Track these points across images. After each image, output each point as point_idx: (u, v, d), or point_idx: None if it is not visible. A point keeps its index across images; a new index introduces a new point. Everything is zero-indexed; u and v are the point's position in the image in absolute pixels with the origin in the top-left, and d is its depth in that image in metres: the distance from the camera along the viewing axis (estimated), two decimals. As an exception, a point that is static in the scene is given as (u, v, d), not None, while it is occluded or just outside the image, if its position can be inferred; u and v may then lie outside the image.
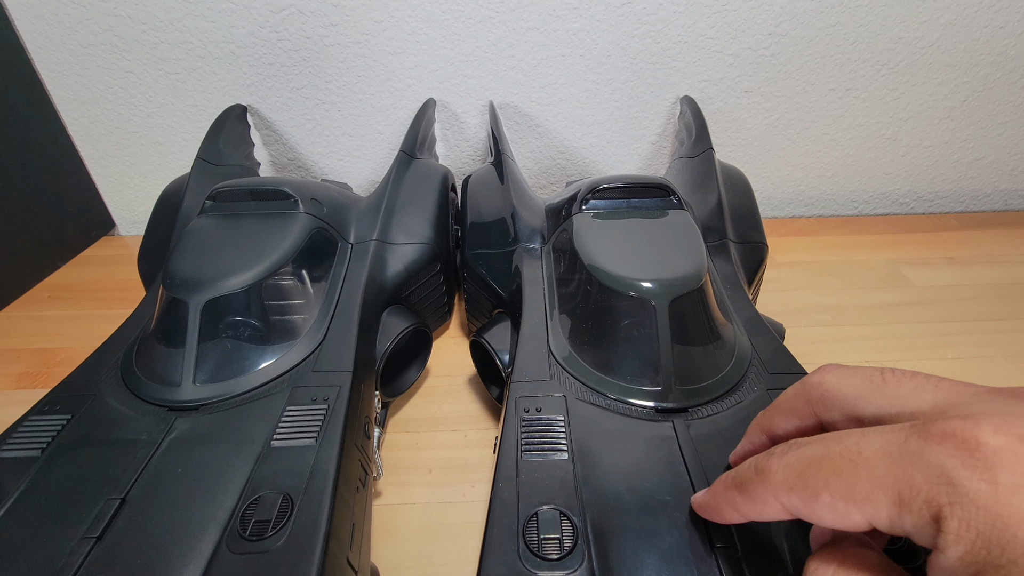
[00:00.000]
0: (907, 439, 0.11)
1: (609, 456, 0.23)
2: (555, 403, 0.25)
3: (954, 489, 0.10)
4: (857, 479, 0.11)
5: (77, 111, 0.52)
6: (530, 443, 0.23)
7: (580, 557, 0.18)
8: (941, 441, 0.10)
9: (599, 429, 0.24)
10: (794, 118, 0.55)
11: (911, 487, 0.10)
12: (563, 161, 0.58)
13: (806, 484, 0.12)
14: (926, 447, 0.11)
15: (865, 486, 0.11)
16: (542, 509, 0.20)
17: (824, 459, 0.12)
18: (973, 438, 0.10)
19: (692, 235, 0.31)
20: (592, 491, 0.21)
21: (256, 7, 0.48)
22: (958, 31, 0.50)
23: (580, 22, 0.50)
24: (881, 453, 0.11)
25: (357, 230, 0.37)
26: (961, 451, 0.10)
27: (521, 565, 0.18)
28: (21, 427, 0.24)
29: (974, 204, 0.61)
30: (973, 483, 0.10)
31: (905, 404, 0.14)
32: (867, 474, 0.11)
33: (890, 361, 0.38)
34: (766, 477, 0.13)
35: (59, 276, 0.50)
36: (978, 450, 0.10)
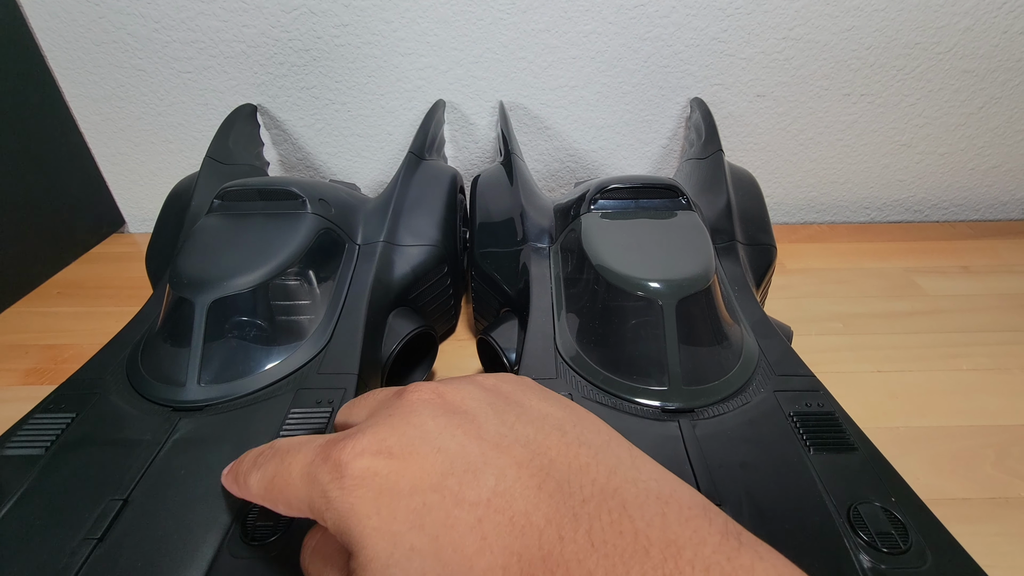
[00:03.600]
0: (312, 462, 0.14)
1: None
2: None
3: (328, 502, 0.13)
4: (291, 498, 0.15)
5: (89, 108, 0.53)
6: None
7: None
8: (324, 463, 0.14)
9: None
10: (807, 123, 0.55)
11: (313, 503, 0.14)
12: (572, 164, 0.57)
13: (268, 498, 0.15)
14: (320, 470, 0.14)
15: (296, 503, 0.14)
16: None
17: (274, 479, 0.15)
18: (339, 460, 0.13)
19: (700, 236, 0.31)
20: None
21: (267, 7, 0.48)
22: (976, 37, 0.50)
23: (591, 24, 0.49)
24: (300, 475, 0.14)
25: (365, 231, 0.37)
26: (333, 472, 0.13)
27: None
28: (26, 425, 0.24)
29: (990, 212, 0.60)
30: (335, 493, 0.13)
31: (354, 417, 0.17)
32: (294, 494, 0.14)
33: (903, 372, 0.37)
34: (247, 488, 0.17)
35: (68, 273, 0.51)
36: (339, 469, 0.13)
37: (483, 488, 0.12)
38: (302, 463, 0.14)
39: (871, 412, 0.34)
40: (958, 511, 0.28)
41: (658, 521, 0.12)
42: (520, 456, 0.13)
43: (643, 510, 0.12)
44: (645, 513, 0.12)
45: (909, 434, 0.32)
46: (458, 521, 0.12)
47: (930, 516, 0.20)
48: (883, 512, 0.20)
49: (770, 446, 0.23)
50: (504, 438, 0.14)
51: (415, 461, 0.13)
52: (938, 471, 0.30)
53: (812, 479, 0.21)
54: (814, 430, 0.23)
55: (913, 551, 0.18)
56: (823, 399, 0.25)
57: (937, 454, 0.31)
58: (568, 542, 0.11)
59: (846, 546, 0.19)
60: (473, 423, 0.14)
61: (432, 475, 0.13)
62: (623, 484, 0.13)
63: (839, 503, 0.20)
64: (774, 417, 0.24)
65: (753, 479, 0.21)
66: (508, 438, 0.14)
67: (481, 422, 0.14)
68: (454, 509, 0.12)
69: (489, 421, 0.14)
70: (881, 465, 0.22)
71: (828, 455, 0.22)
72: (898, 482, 0.21)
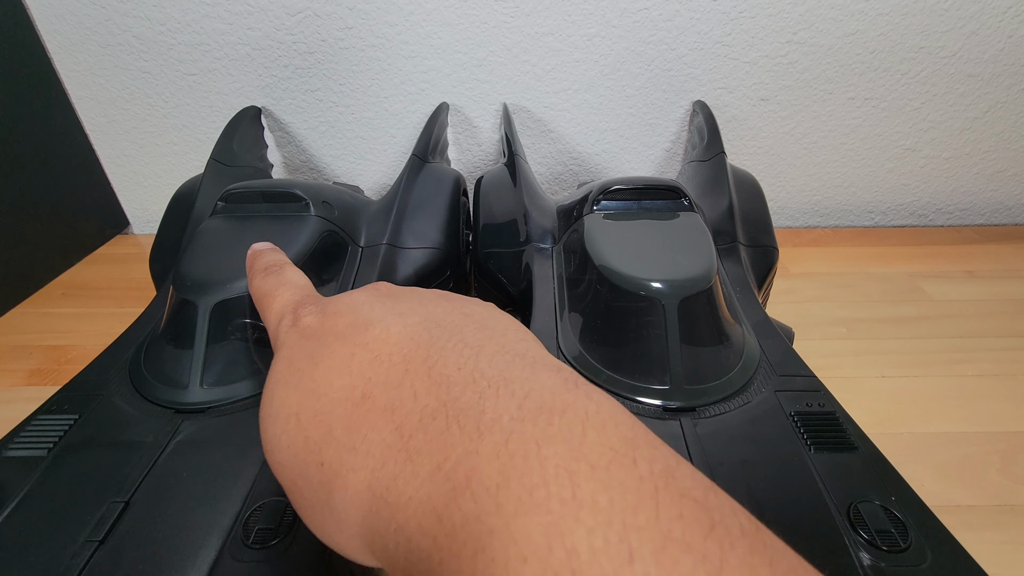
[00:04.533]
0: (287, 304, 0.19)
1: None
2: None
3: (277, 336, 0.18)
4: (265, 316, 0.20)
5: (95, 111, 0.53)
6: None
7: None
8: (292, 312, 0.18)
9: None
10: (811, 127, 0.55)
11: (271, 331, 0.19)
12: (575, 167, 0.57)
13: (255, 301, 0.21)
14: (287, 313, 0.18)
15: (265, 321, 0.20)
16: None
17: (263, 297, 0.20)
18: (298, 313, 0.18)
19: (702, 237, 0.31)
20: None
21: (272, 10, 0.48)
22: (981, 41, 0.50)
23: (595, 28, 0.49)
24: (276, 309, 0.19)
25: (368, 234, 0.37)
26: (292, 319, 0.18)
27: None
28: (29, 426, 0.24)
29: (995, 217, 0.60)
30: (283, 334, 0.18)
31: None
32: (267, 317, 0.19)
33: (908, 377, 0.37)
34: (250, 280, 0.22)
35: (73, 274, 0.51)
36: (295, 318, 0.18)
37: (367, 335, 0.15)
38: (283, 302, 0.19)
39: (875, 418, 0.34)
40: (963, 518, 0.27)
41: (501, 365, 0.13)
42: (411, 321, 0.16)
43: (492, 357, 0.14)
44: (493, 359, 0.13)
45: (914, 440, 0.32)
46: (336, 354, 0.15)
47: (930, 515, 0.20)
48: (883, 511, 0.20)
49: (771, 445, 0.23)
50: (410, 310, 0.16)
51: (335, 319, 0.17)
52: (943, 477, 0.30)
53: (812, 478, 0.21)
54: (815, 429, 0.24)
55: (913, 549, 0.18)
56: (824, 399, 0.25)
57: (942, 460, 0.31)
58: (410, 373, 0.14)
59: (846, 544, 0.19)
60: (392, 300, 0.17)
61: (339, 327, 0.16)
62: (489, 343, 0.14)
63: (839, 502, 0.20)
64: (775, 416, 0.24)
65: (754, 478, 0.21)
66: (413, 310, 0.16)
67: (399, 301, 0.17)
68: (339, 346, 0.15)
69: (407, 302, 0.17)
70: (881, 464, 0.22)
71: (828, 454, 0.22)
72: (898, 481, 0.21)
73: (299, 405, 0.15)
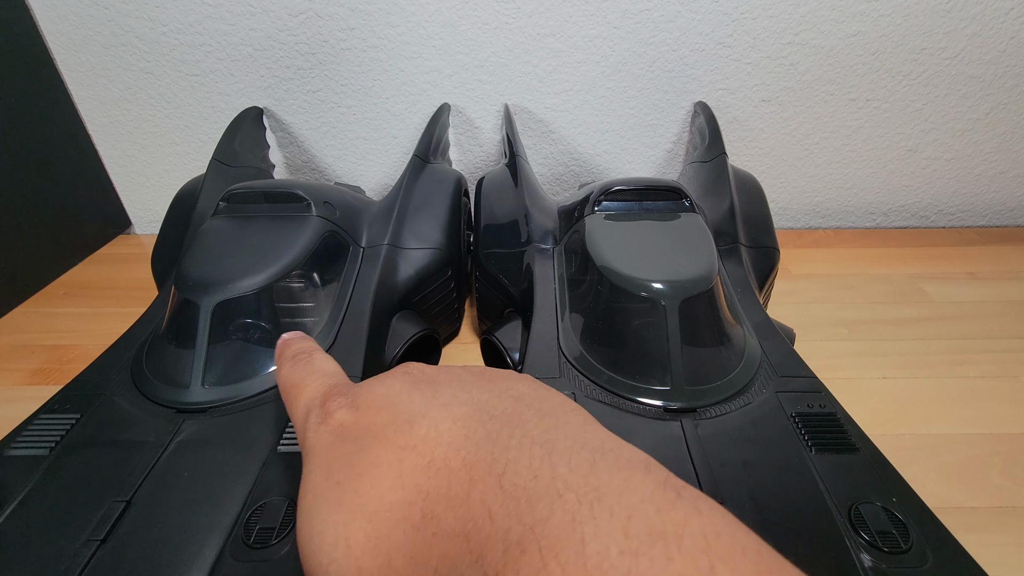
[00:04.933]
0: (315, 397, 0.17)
1: None
2: None
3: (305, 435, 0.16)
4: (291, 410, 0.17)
5: (97, 111, 0.53)
6: None
7: None
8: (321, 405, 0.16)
9: (607, 426, 0.24)
10: (812, 128, 0.55)
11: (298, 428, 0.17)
12: (576, 168, 0.57)
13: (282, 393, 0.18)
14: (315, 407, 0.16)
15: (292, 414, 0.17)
16: None
17: (291, 389, 0.18)
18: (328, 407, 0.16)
19: (703, 238, 0.31)
20: None
21: (274, 11, 0.48)
22: (983, 42, 0.49)
23: (597, 29, 0.49)
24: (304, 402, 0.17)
25: (369, 234, 0.37)
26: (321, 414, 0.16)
27: None
28: (31, 425, 0.24)
29: (997, 219, 0.60)
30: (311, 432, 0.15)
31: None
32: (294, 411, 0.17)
33: (909, 379, 0.37)
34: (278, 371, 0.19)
35: (75, 273, 0.51)
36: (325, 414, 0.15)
37: (413, 436, 0.13)
38: (310, 394, 0.17)
39: (877, 419, 0.33)
40: (965, 520, 0.27)
41: (584, 468, 0.11)
42: (460, 413, 0.14)
43: (570, 457, 0.12)
44: (571, 460, 0.11)
45: (915, 441, 0.32)
46: (382, 461, 0.13)
47: (931, 516, 0.20)
48: (884, 512, 0.20)
49: (772, 446, 0.23)
50: (454, 399, 0.15)
51: (371, 414, 0.15)
52: (945, 479, 0.30)
53: (814, 479, 0.21)
54: (816, 430, 0.24)
55: (914, 551, 0.18)
56: (825, 400, 0.25)
57: (944, 462, 0.31)
58: (477, 483, 0.12)
59: (847, 545, 0.19)
60: (431, 387, 0.15)
61: (378, 425, 0.14)
62: (558, 437, 0.12)
63: (840, 503, 0.20)
64: (776, 417, 0.24)
65: (755, 479, 0.21)
66: (458, 399, 0.14)
67: (440, 388, 0.15)
68: (383, 451, 0.13)
69: (448, 388, 0.15)
70: (882, 465, 0.22)
71: (829, 455, 0.22)
72: (899, 482, 0.21)
73: (347, 528, 0.12)
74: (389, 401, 0.15)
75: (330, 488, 0.13)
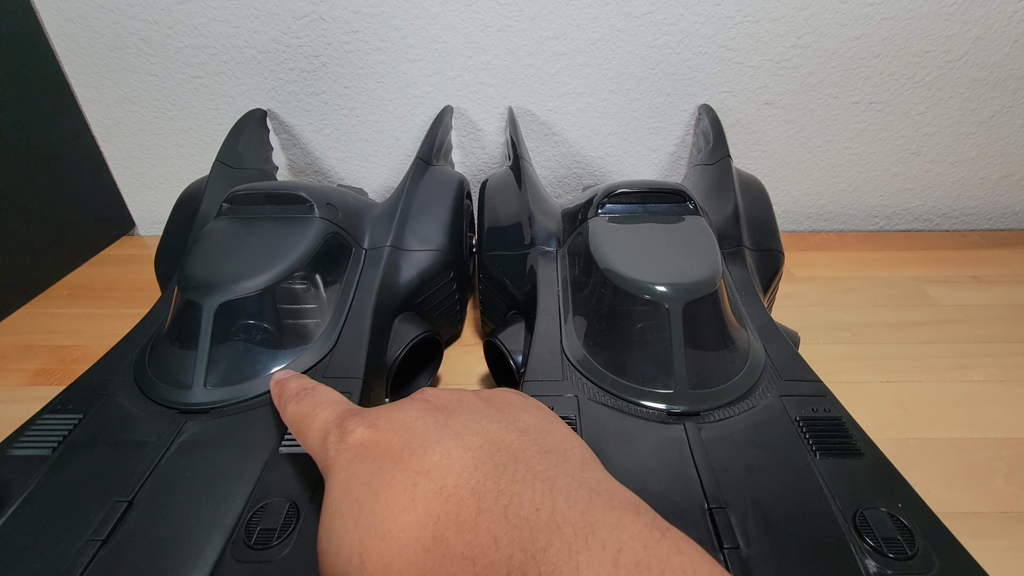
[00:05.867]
0: (330, 422, 0.17)
1: (620, 457, 0.23)
2: (567, 403, 0.25)
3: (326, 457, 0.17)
4: (307, 440, 0.18)
5: (102, 113, 0.53)
6: None
7: None
8: (337, 427, 0.17)
9: (610, 430, 0.24)
10: (815, 131, 0.54)
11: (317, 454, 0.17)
12: (579, 170, 0.57)
13: (292, 428, 0.20)
14: (332, 431, 0.17)
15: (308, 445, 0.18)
16: None
17: (302, 420, 0.19)
18: (345, 428, 0.17)
19: (707, 241, 0.31)
20: None
21: (279, 13, 0.49)
22: (987, 45, 0.49)
23: (599, 32, 0.49)
24: (318, 428, 0.18)
25: (371, 236, 0.37)
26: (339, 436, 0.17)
27: None
28: (33, 425, 0.24)
29: (1001, 222, 0.60)
30: (332, 452, 0.16)
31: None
32: (310, 439, 0.18)
33: (913, 383, 0.37)
34: (283, 411, 0.21)
35: (79, 274, 0.51)
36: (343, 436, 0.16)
37: (427, 461, 0.14)
38: (324, 419, 0.18)
39: (880, 423, 0.33)
40: (969, 525, 0.27)
41: (580, 505, 0.12)
42: (471, 442, 0.15)
43: (569, 494, 0.13)
44: (570, 497, 0.13)
45: (919, 446, 0.32)
46: (397, 483, 0.14)
47: (936, 522, 0.20)
48: (889, 518, 0.20)
49: (776, 450, 0.23)
50: (466, 428, 0.16)
51: (389, 436, 0.16)
52: (949, 484, 0.29)
53: (818, 484, 0.21)
54: (820, 435, 0.23)
55: (919, 557, 0.18)
56: (829, 404, 0.25)
57: (947, 467, 0.30)
58: (484, 512, 0.13)
59: (852, 551, 0.19)
60: (445, 415, 0.17)
61: (395, 448, 0.15)
62: (559, 475, 0.14)
63: (845, 508, 0.20)
64: (780, 422, 0.24)
65: (759, 483, 0.21)
66: (469, 428, 0.16)
67: (453, 416, 0.16)
68: (398, 474, 0.14)
69: (461, 416, 0.16)
70: (887, 471, 0.22)
71: (834, 460, 0.22)
72: (904, 488, 0.21)
73: (361, 544, 0.13)
74: (406, 426, 0.16)
75: (348, 505, 0.14)
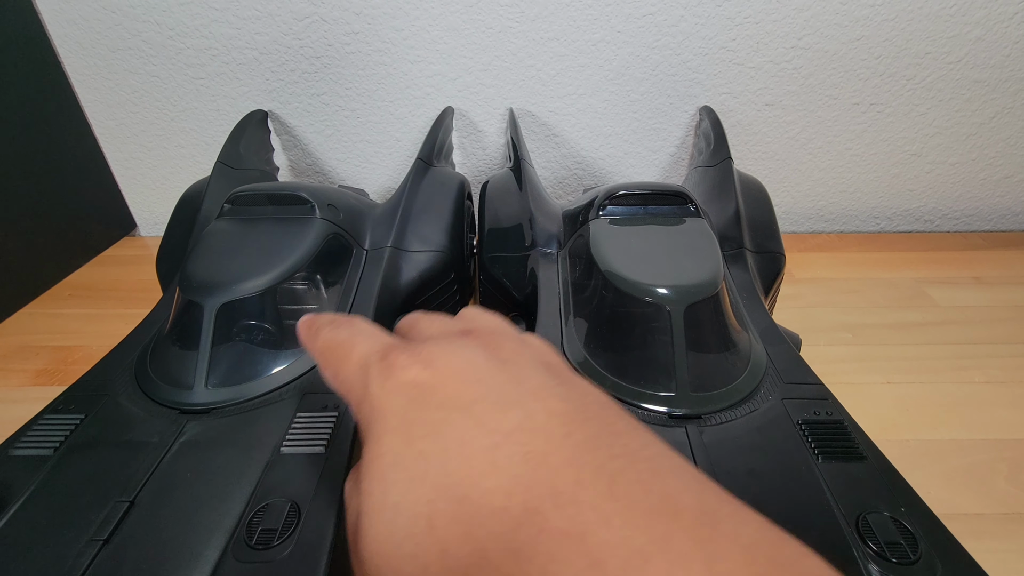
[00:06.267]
0: (372, 353, 0.15)
1: None
2: None
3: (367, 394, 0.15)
4: (340, 371, 0.16)
5: (104, 114, 0.54)
6: None
7: None
8: (381, 360, 0.15)
9: None
10: (816, 132, 0.55)
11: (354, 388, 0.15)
12: (580, 171, 0.57)
13: (324, 359, 0.17)
14: (374, 364, 0.15)
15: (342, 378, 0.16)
16: None
17: (337, 347, 0.17)
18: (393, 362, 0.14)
19: (709, 243, 0.31)
20: None
21: (280, 15, 0.49)
22: (988, 47, 0.49)
23: (600, 33, 0.50)
24: (357, 359, 0.16)
25: (372, 236, 0.37)
26: (384, 371, 0.14)
27: None
28: (35, 425, 0.24)
29: (1002, 223, 0.60)
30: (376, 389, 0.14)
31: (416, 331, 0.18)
32: (346, 370, 0.16)
33: (914, 384, 0.37)
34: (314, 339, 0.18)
35: (80, 275, 0.51)
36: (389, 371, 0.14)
37: (507, 421, 0.13)
38: (364, 349, 0.16)
39: (881, 424, 0.33)
40: (971, 526, 0.27)
41: (695, 489, 0.11)
42: (555, 407, 0.13)
43: (678, 477, 0.11)
44: (680, 481, 0.11)
45: (920, 447, 0.32)
46: (474, 441, 0.12)
47: (940, 526, 0.19)
48: (892, 522, 0.20)
49: (778, 454, 0.23)
50: (543, 389, 0.14)
51: (454, 384, 0.14)
52: (950, 485, 0.29)
53: (820, 488, 0.21)
54: (822, 438, 0.23)
55: (923, 562, 0.18)
56: (832, 407, 0.25)
57: (949, 468, 0.30)
58: (586, 486, 0.11)
59: (855, 556, 0.19)
60: (514, 367, 0.14)
61: (464, 399, 0.13)
62: (657, 456, 0.12)
63: (848, 512, 0.20)
64: (782, 425, 0.24)
65: (761, 487, 0.21)
66: (547, 390, 0.14)
67: (527, 374, 0.14)
68: (473, 430, 0.12)
69: (535, 375, 0.14)
70: (890, 474, 0.22)
71: (837, 464, 0.22)
72: (907, 492, 0.21)
73: (431, 506, 0.12)
74: (474, 374, 0.14)
75: (412, 458, 0.13)
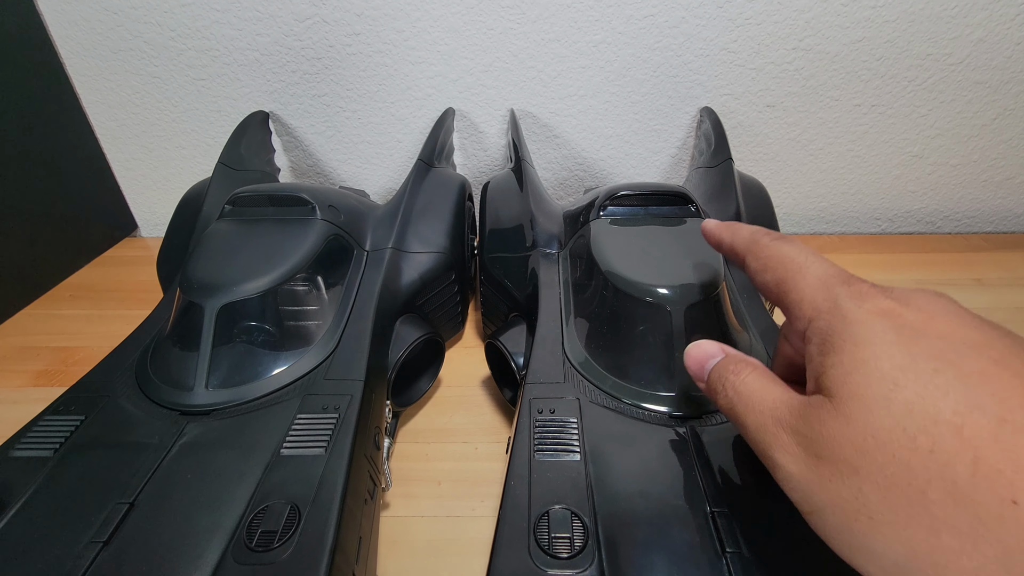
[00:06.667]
0: (832, 275, 0.17)
1: (622, 459, 0.23)
2: (569, 405, 0.25)
3: (838, 309, 0.16)
4: (789, 280, 0.18)
5: (105, 115, 0.54)
6: (543, 443, 0.23)
7: (590, 557, 0.18)
8: (845, 284, 0.16)
9: (612, 432, 0.24)
10: (817, 133, 0.54)
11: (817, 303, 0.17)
12: (581, 172, 0.57)
13: (768, 265, 0.19)
14: (839, 285, 0.17)
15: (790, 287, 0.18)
16: (553, 508, 0.20)
17: (791, 261, 0.18)
18: (861, 289, 0.16)
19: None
20: (604, 493, 0.21)
21: (281, 16, 0.49)
22: (989, 48, 0.49)
23: (601, 34, 0.50)
24: (816, 276, 0.17)
25: (373, 238, 0.37)
26: (853, 294, 0.16)
27: (531, 562, 0.18)
28: (35, 427, 0.24)
29: (1004, 225, 0.60)
30: (850, 305, 0.16)
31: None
32: (799, 281, 0.18)
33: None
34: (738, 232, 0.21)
35: (81, 276, 0.51)
36: (860, 296, 0.16)
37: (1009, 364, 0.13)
38: (824, 270, 0.17)
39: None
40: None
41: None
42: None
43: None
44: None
45: (922, 449, 0.32)
46: (994, 376, 0.13)
47: None
48: None
49: None
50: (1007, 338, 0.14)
51: (945, 322, 0.14)
52: (952, 487, 0.29)
53: None
54: None
55: None
56: None
57: (951, 470, 0.30)
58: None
59: None
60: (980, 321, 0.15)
61: (970, 339, 0.14)
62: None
63: None
64: None
65: (761, 486, 0.21)
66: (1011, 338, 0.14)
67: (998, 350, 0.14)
68: (991, 368, 0.13)
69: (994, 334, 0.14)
70: None
71: None
72: None
73: (960, 416, 0.12)
74: (965, 319, 0.15)
75: (926, 373, 0.13)
